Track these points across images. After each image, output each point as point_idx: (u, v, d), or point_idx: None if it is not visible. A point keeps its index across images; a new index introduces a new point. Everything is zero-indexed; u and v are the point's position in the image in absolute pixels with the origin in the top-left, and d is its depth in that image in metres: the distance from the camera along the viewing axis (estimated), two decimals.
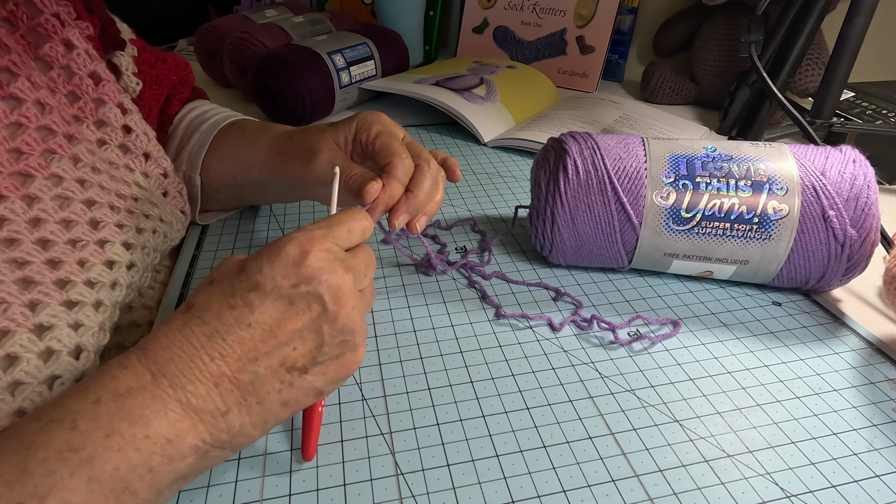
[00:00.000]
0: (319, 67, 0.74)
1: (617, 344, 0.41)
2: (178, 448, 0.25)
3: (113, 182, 0.37)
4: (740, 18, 0.81)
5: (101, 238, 0.34)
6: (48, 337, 0.29)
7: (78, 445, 0.23)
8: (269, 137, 0.45)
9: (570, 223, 0.44)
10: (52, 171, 0.32)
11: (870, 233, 0.41)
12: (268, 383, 0.27)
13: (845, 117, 0.68)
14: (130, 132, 0.40)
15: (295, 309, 0.27)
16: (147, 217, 0.39)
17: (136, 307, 0.40)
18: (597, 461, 0.32)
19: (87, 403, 0.24)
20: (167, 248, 0.42)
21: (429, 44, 1.04)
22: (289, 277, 0.27)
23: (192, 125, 0.50)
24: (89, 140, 0.36)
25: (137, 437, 0.24)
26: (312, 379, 0.29)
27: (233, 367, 0.26)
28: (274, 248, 0.28)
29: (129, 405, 0.24)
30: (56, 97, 0.35)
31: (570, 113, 0.79)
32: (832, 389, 0.38)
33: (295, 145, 0.43)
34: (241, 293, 0.27)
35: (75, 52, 0.36)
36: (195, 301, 0.28)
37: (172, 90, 0.50)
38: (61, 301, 0.30)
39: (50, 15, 0.35)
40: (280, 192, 0.49)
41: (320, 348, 0.28)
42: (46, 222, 0.31)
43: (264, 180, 0.46)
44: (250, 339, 0.26)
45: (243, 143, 0.47)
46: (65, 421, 0.23)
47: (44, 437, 0.23)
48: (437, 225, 0.55)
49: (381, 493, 0.30)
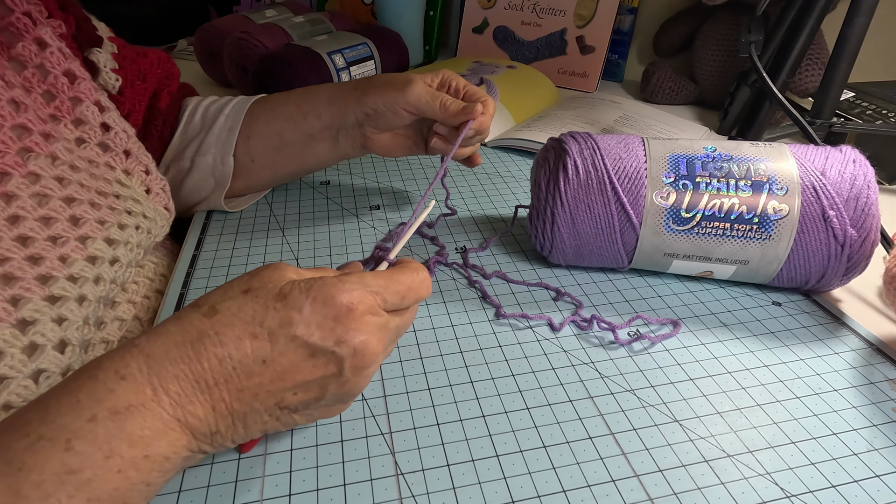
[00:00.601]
0: (319, 67, 0.74)
1: (617, 344, 0.41)
2: (174, 462, 0.25)
3: (93, 180, 0.37)
4: (740, 18, 0.81)
5: (82, 234, 0.34)
6: (32, 332, 0.29)
7: (76, 468, 0.22)
8: (328, 86, 0.51)
9: (570, 223, 0.44)
10: (29, 168, 0.32)
11: (870, 233, 0.41)
12: (258, 415, 0.27)
13: (845, 117, 0.68)
14: (109, 130, 0.40)
15: (313, 362, 0.26)
16: (130, 214, 0.39)
17: (121, 302, 0.40)
18: (597, 461, 0.32)
19: (81, 421, 0.22)
20: (150, 244, 0.42)
21: (429, 44, 1.04)
22: (323, 329, 0.26)
23: (209, 111, 0.52)
24: (67, 138, 0.36)
25: (137, 458, 0.23)
26: (297, 417, 0.29)
27: (233, 395, 0.25)
28: (325, 292, 0.26)
29: (129, 426, 0.23)
30: (31, 96, 0.35)
31: (570, 113, 0.79)
32: (832, 389, 0.38)
33: (380, 80, 0.48)
34: (269, 324, 0.25)
35: (48, 51, 0.36)
36: (221, 308, 0.26)
37: (159, 84, 0.50)
38: (44, 296, 0.30)
39: (21, 14, 0.35)
40: (327, 145, 0.51)
41: (318, 400, 0.28)
42: (25, 219, 0.31)
43: (317, 131, 0.50)
44: (259, 375, 0.26)
45: (296, 97, 0.51)
46: (58, 441, 0.22)
47: (36, 457, 0.21)
48: (430, 225, 0.55)
49: (381, 493, 0.30)
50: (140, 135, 0.45)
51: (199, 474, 0.31)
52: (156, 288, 0.45)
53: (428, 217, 0.55)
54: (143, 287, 0.43)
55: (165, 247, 0.51)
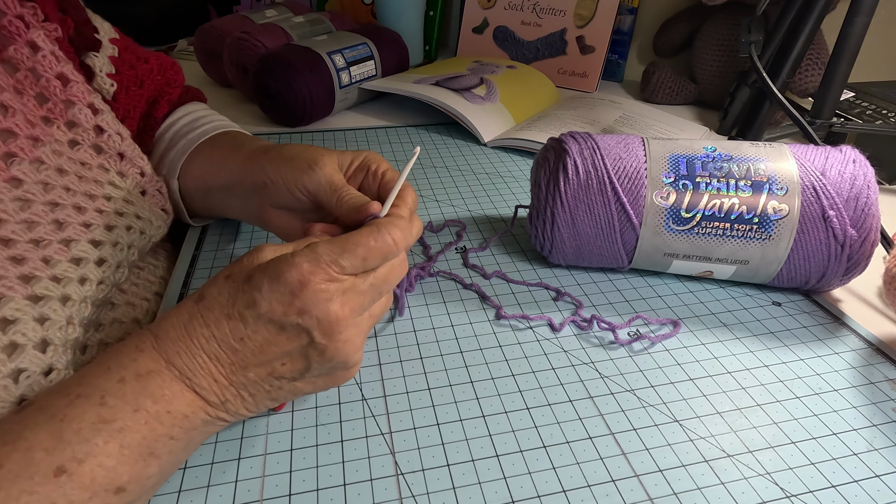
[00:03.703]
0: (319, 67, 0.74)
1: (617, 344, 0.41)
2: (193, 421, 0.28)
3: (82, 183, 0.37)
4: (740, 18, 0.81)
5: (66, 237, 0.34)
6: (12, 331, 0.29)
7: (109, 418, 0.25)
8: (259, 143, 0.45)
9: (570, 223, 0.44)
10: (11, 173, 0.32)
11: (870, 233, 0.41)
12: (258, 385, 0.29)
13: (845, 117, 0.68)
14: (103, 132, 0.40)
15: (285, 335, 0.28)
16: (120, 215, 0.39)
17: (119, 304, 0.40)
18: (597, 461, 0.32)
19: (112, 382, 0.26)
20: (146, 244, 0.42)
21: (429, 44, 1.04)
22: (283, 304, 0.28)
23: (180, 131, 0.50)
24: (59, 141, 0.36)
25: (161, 412, 0.27)
26: (301, 385, 0.31)
27: (226, 369, 0.28)
28: (277, 269, 0.28)
29: (151, 386, 0.27)
30: (23, 99, 0.35)
31: (570, 113, 0.79)
32: (832, 389, 0.38)
33: (292, 150, 0.41)
34: (239, 306, 0.28)
35: (40, 54, 0.36)
36: (206, 294, 0.29)
37: (159, 92, 0.49)
38: (26, 295, 0.30)
39: (13, 17, 0.35)
40: (238, 201, 0.45)
41: (308, 369, 0.30)
42: (6, 222, 0.31)
43: (229, 184, 0.44)
44: (241, 350, 0.28)
45: (229, 146, 0.47)
46: (93, 397, 0.26)
47: (75, 410, 0.25)
48: (430, 227, 0.55)
49: (381, 493, 0.30)
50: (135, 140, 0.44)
51: (199, 474, 0.31)
52: (155, 290, 0.45)
53: (434, 223, 0.55)
54: (143, 289, 0.43)
55: (166, 249, 0.51)
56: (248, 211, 0.45)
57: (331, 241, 0.29)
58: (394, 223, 0.31)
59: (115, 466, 0.25)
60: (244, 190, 0.43)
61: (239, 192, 0.44)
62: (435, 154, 0.70)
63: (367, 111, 0.83)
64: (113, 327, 0.38)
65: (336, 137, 0.74)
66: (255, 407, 0.30)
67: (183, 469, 0.32)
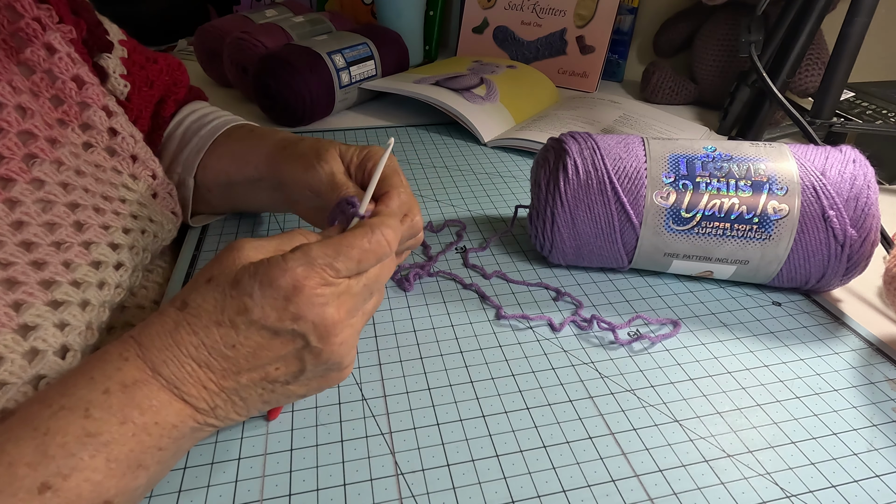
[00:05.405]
0: (319, 67, 0.74)
1: (617, 344, 0.41)
2: (182, 430, 0.27)
3: (99, 185, 0.37)
4: (740, 18, 0.81)
5: (86, 239, 0.34)
6: (33, 337, 0.29)
7: (95, 432, 0.24)
8: (279, 136, 0.46)
9: (570, 223, 0.44)
10: (33, 175, 0.32)
11: (870, 233, 0.41)
12: (250, 389, 0.29)
13: (845, 117, 0.68)
14: (116, 135, 0.40)
15: (279, 340, 0.28)
16: (135, 218, 0.39)
17: (130, 307, 0.40)
18: (597, 461, 0.32)
19: (97, 393, 0.25)
20: (158, 247, 0.42)
21: (429, 44, 1.04)
22: (276, 310, 0.27)
23: (191, 128, 0.50)
24: (74, 143, 0.36)
25: (148, 424, 0.26)
26: (294, 388, 0.30)
27: (217, 376, 0.27)
28: (269, 274, 0.27)
29: (138, 397, 0.26)
30: (39, 101, 0.35)
31: (570, 113, 0.79)
32: (832, 389, 0.38)
33: (304, 147, 0.42)
34: (229, 312, 0.27)
35: (57, 56, 0.36)
36: (189, 300, 0.27)
37: (166, 91, 0.49)
38: (46, 301, 0.30)
39: (31, 19, 0.35)
40: (267, 195, 0.47)
41: (302, 372, 0.29)
42: (29, 225, 0.31)
43: (256, 178, 0.45)
44: (233, 357, 0.27)
45: (251, 140, 0.47)
46: (77, 409, 0.25)
47: (58, 423, 0.24)
48: (430, 227, 0.55)
49: (381, 493, 0.30)
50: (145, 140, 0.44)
51: (199, 474, 0.31)
52: (165, 292, 0.45)
53: (434, 223, 0.55)
54: (153, 292, 0.43)
55: (174, 252, 0.51)
56: (276, 204, 0.48)
57: (324, 243, 0.28)
58: (386, 223, 0.30)
59: (102, 481, 0.24)
60: (270, 185, 0.45)
61: (266, 187, 0.46)
62: (435, 154, 0.70)
63: (367, 111, 0.83)
64: (124, 331, 0.38)
65: (336, 137, 0.74)
66: (247, 412, 0.29)
67: (183, 469, 0.32)
